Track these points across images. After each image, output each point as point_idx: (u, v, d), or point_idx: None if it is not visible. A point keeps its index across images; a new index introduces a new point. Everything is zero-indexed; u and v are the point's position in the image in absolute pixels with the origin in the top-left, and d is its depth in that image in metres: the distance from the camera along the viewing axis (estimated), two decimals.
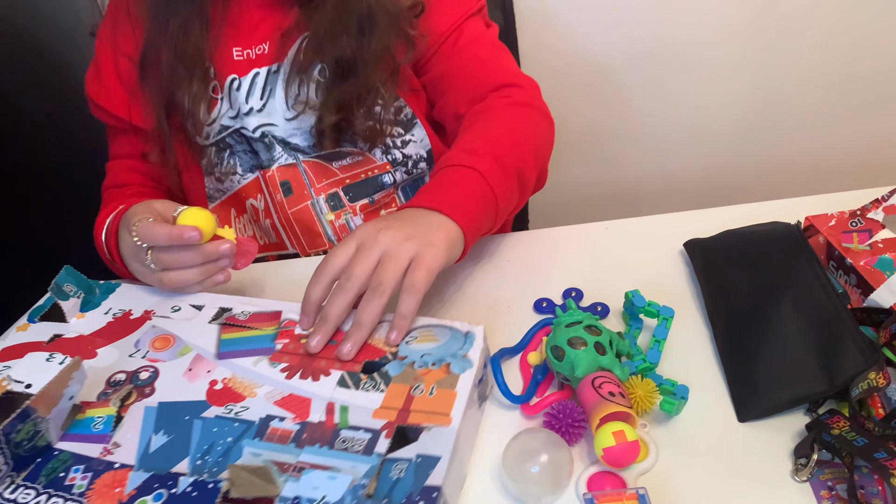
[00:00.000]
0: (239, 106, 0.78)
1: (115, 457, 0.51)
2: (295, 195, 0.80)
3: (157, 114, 0.77)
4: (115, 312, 0.64)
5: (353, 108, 0.76)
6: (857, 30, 1.26)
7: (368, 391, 0.54)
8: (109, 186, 0.85)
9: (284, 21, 0.77)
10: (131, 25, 0.78)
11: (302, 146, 0.80)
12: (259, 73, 0.78)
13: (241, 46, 0.78)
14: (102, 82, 0.80)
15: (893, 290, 0.58)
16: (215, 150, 0.81)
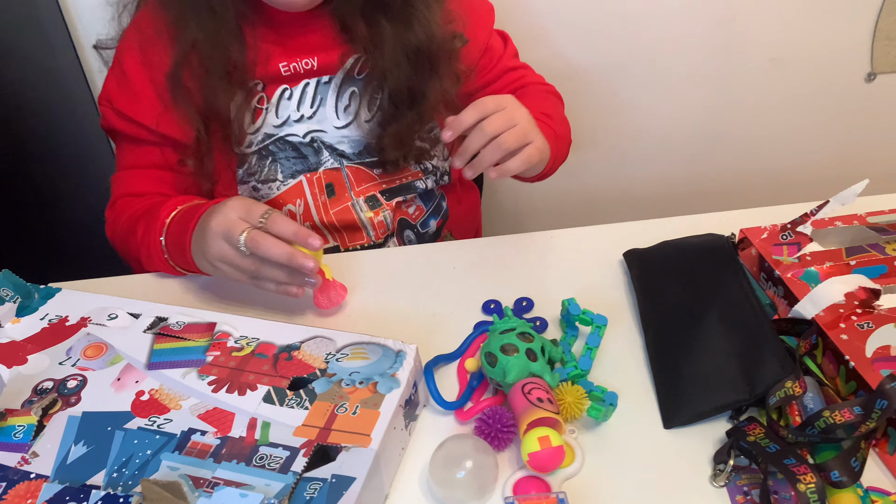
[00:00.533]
0: (289, 114, 0.84)
1: (31, 467, 0.50)
2: (337, 196, 0.86)
3: (195, 125, 0.79)
4: (52, 318, 0.64)
5: (412, 140, 0.86)
6: (812, 47, 1.29)
7: (293, 408, 0.54)
8: (126, 195, 0.83)
9: (331, 38, 0.82)
10: (160, 41, 0.79)
11: (347, 152, 0.86)
12: (310, 84, 0.83)
13: (286, 62, 0.81)
14: (133, 93, 0.80)
15: (815, 302, 0.59)
16: (256, 157, 0.85)
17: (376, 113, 0.85)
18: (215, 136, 0.82)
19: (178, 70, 0.78)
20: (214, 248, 0.64)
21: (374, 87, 0.84)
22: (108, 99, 0.82)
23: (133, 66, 0.81)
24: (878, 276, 0.66)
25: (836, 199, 0.66)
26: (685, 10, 1.22)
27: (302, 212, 0.86)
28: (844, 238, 0.71)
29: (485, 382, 0.62)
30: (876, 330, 0.59)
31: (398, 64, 0.81)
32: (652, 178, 1.42)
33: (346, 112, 0.85)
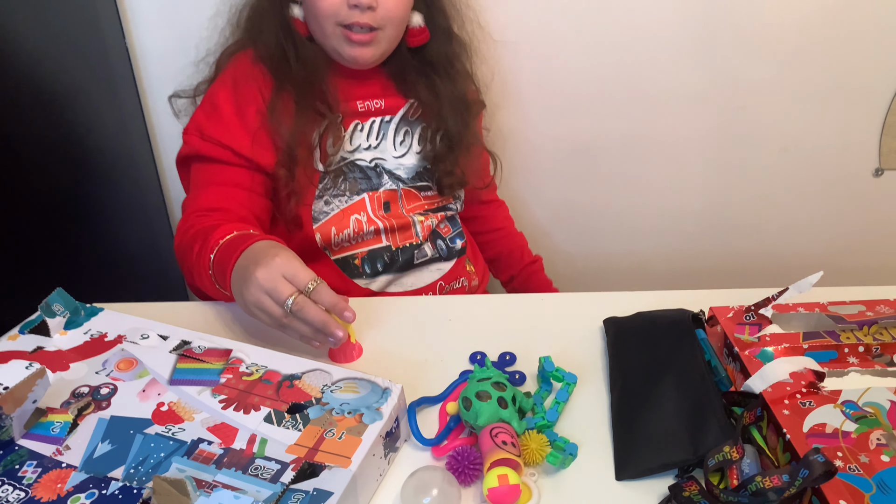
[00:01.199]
0: (359, 143, 1.03)
1: (63, 457, 0.59)
2: (392, 213, 1.05)
3: (286, 148, 0.96)
4: (93, 333, 0.74)
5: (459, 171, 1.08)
6: (822, 140, 1.35)
7: (288, 429, 0.62)
8: (199, 209, 0.92)
9: (391, 88, 1.05)
10: (253, 83, 0.97)
11: (403, 177, 1.06)
12: (375, 121, 1.04)
13: (362, 100, 1.03)
14: (224, 124, 0.95)
15: (764, 379, 0.65)
16: (332, 175, 1.01)
17: (427, 147, 1.07)
18: (300, 157, 0.97)
19: (275, 103, 0.96)
20: (255, 297, 0.71)
21: (423, 128, 1.07)
22: (199, 128, 0.96)
23: (226, 102, 0.96)
24: (827, 360, 0.72)
25: (794, 287, 0.73)
26: (699, 97, 1.31)
27: (365, 220, 1.03)
28: (806, 324, 0.77)
29: (461, 424, 0.69)
30: (816, 409, 0.65)
31: (451, 112, 1.05)
32: (660, 252, 1.49)
33: (401, 145, 1.06)
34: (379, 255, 1.04)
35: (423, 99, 1.05)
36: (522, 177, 1.39)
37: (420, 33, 1.02)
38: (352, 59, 0.97)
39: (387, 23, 0.95)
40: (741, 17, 1.22)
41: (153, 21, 1.23)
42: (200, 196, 0.95)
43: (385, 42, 0.97)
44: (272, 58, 0.98)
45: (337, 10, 0.92)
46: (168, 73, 1.26)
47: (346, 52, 0.96)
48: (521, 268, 1.27)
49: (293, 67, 0.97)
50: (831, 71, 1.28)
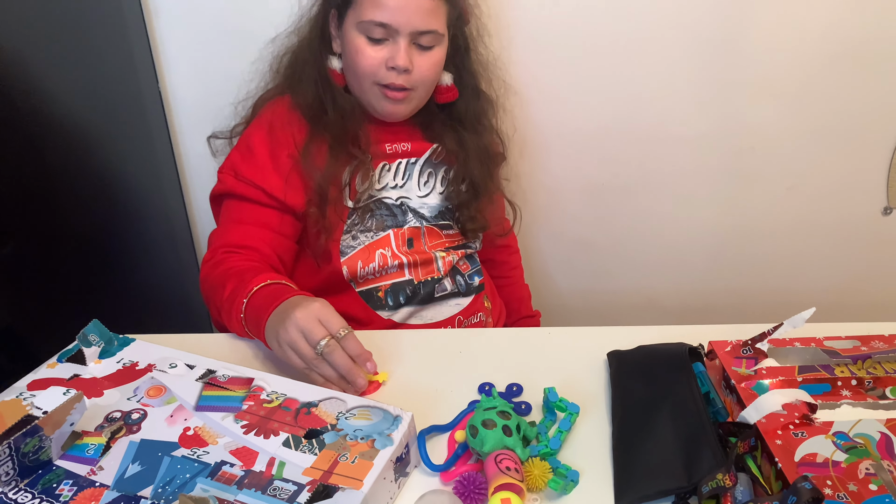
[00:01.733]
0: (387, 182, 1.10)
1: (97, 477, 0.64)
2: (415, 249, 1.11)
3: (318, 189, 1.03)
4: (125, 362, 0.79)
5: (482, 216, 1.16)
6: (830, 179, 1.38)
7: (305, 453, 0.66)
8: (227, 245, 0.98)
9: (418, 134, 1.13)
10: (289, 128, 1.04)
11: (426, 215, 1.13)
12: (402, 163, 1.11)
13: (390, 143, 1.10)
14: (258, 166, 1.02)
15: (758, 410, 0.68)
16: (361, 211, 1.08)
17: (449, 189, 1.14)
18: (332, 196, 1.04)
19: (308, 148, 1.03)
20: (291, 335, 0.77)
21: (446, 170, 1.14)
22: (234, 168, 1.03)
23: (261, 145, 1.03)
24: (821, 393, 0.75)
25: (788, 322, 0.77)
26: (707, 138, 1.35)
27: (390, 255, 1.08)
28: (802, 358, 0.80)
29: (469, 452, 0.73)
30: (808, 439, 0.67)
31: (476, 163, 1.12)
32: (669, 288, 1.52)
33: (425, 185, 1.13)
34: (401, 288, 1.09)
35: (449, 147, 1.12)
36: (535, 216, 1.44)
37: (448, 91, 1.10)
38: (386, 113, 1.05)
39: (419, 84, 1.03)
40: (748, 60, 1.27)
41: (185, 67, 1.31)
42: (229, 232, 1.01)
43: (416, 100, 1.06)
44: (309, 105, 1.05)
45: (376, 70, 1.00)
46: (198, 116, 1.34)
47: (380, 106, 1.04)
48: (517, 318, 1.32)
49: (329, 115, 1.04)
50: (838, 110, 1.31)
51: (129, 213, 1.32)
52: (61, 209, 1.13)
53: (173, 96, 1.34)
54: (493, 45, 1.21)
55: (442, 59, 1.05)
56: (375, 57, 1.00)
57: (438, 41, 1.03)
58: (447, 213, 1.15)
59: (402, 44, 0.99)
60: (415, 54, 1.00)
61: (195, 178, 1.43)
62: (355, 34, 1.00)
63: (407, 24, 0.97)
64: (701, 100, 1.32)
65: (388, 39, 0.99)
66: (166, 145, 1.37)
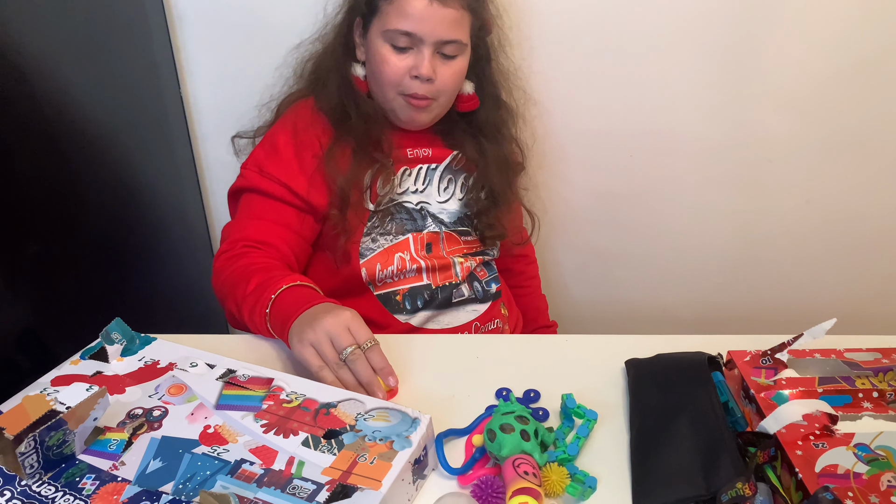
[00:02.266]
0: (407, 187, 1.11)
1: (119, 472, 0.64)
2: (433, 254, 1.12)
3: (340, 191, 1.04)
4: (147, 361, 0.80)
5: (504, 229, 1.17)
6: (846, 193, 1.38)
7: (324, 453, 0.66)
8: (247, 239, 0.99)
9: (440, 141, 1.14)
10: (313, 129, 1.06)
11: (445, 221, 1.14)
12: (422, 168, 1.13)
13: (412, 148, 1.11)
14: (282, 164, 1.03)
15: (778, 420, 0.68)
16: (381, 214, 1.09)
17: (469, 196, 1.15)
18: (353, 199, 1.05)
19: (332, 150, 1.04)
20: (318, 337, 0.78)
21: (466, 177, 1.15)
22: (258, 164, 1.04)
23: (286, 145, 1.05)
24: (842, 404, 0.74)
25: (808, 333, 0.76)
26: (725, 149, 1.35)
27: (409, 258, 1.09)
28: (822, 369, 0.80)
29: (486, 456, 0.73)
30: (829, 450, 0.67)
31: (496, 172, 1.14)
32: (684, 300, 1.52)
33: (444, 191, 1.14)
34: (419, 293, 1.09)
35: (469, 156, 1.14)
36: (552, 226, 1.44)
37: (469, 100, 1.12)
38: (408, 121, 1.07)
39: (441, 93, 1.04)
40: (766, 70, 1.27)
41: (207, 72, 1.33)
42: (248, 227, 1.01)
43: (438, 108, 1.07)
44: (333, 110, 1.07)
45: (400, 79, 1.02)
46: (219, 120, 1.36)
47: (403, 114, 1.06)
48: (534, 328, 1.32)
49: (353, 120, 1.05)
50: (856, 122, 1.31)
51: (149, 215, 1.33)
52: (84, 211, 1.14)
53: (194, 101, 1.36)
54: (513, 56, 1.22)
55: (464, 69, 1.06)
56: (399, 66, 1.01)
57: (461, 51, 1.04)
58: (466, 220, 1.16)
59: (426, 53, 1.00)
60: (438, 64, 1.02)
61: (215, 182, 1.44)
62: (380, 42, 1.01)
63: (431, 33, 0.99)
64: (718, 111, 1.32)
65: (413, 48, 1.01)
66: (187, 149, 1.39)
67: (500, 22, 1.14)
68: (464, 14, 1.02)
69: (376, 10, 1.01)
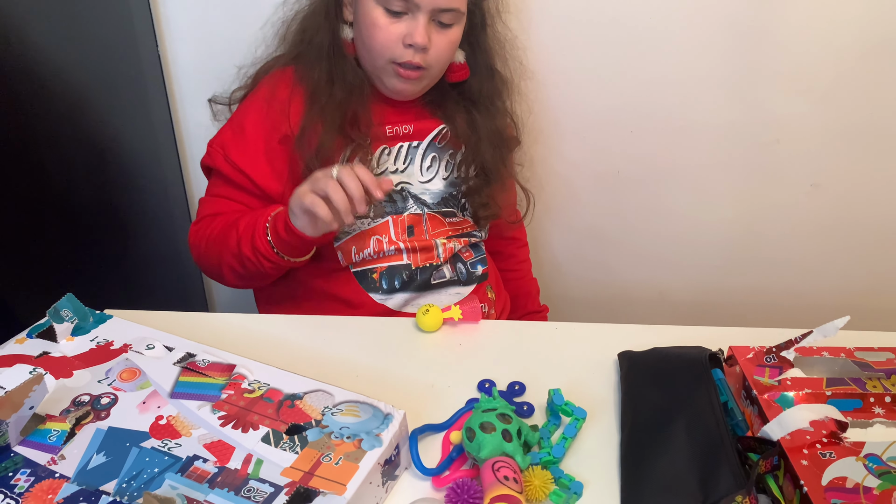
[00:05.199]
0: (386, 167, 1.04)
1: (58, 467, 0.59)
2: (415, 237, 1.05)
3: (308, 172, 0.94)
4: (100, 341, 0.74)
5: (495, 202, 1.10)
6: (852, 177, 1.32)
7: (285, 450, 0.60)
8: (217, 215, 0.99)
9: (425, 114, 1.06)
10: (287, 109, 0.99)
11: (428, 202, 1.06)
12: (403, 146, 1.05)
13: (391, 125, 1.03)
14: (246, 148, 0.98)
15: (782, 426, 0.62)
16: None
17: (454, 174, 1.07)
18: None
19: (304, 129, 0.97)
20: (308, 184, 0.82)
21: (451, 154, 1.07)
22: (223, 146, 0.99)
23: (254, 126, 0.98)
24: (851, 409, 0.69)
25: (819, 331, 0.70)
26: (731, 129, 1.28)
27: (386, 241, 1.03)
28: (830, 369, 0.74)
29: (464, 455, 0.67)
30: (837, 461, 0.61)
31: (488, 147, 1.06)
32: (682, 283, 1.46)
33: (428, 170, 1.06)
34: (398, 272, 1.03)
35: (459, 129, 1.06)
36: (547, 204, 1.37)
37: (460, 69, 1.04)
38: (396, 91, 0.99)
39: (434, 63, 0.97)
40: (778, 48, 1.20)
41: (185, 30, 1.25)
42: (218, 204, 1.00)
43: (428, 79, 1.00)
44: (316, 80, 0.99)
45: (392, 47, 0.94)
46: (198, 80, 1.28)
47: (391, 84, 0.98)
48: (523, 314, 1.26)
49: (334, 89, 0.98)
50: (870, 106, 1.25)
51: (123, 181, 1.26)
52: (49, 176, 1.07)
53: (173, 60, 1.28)
54: (511, 24, 1.14)
55: (459, 38, 0.99)
56: (392, 32, 0.93)
57: (458, 19, 0.96)
58: (451, 200, 1.08)
59: (421, 20, 0.92)
60: (433, 31, 0.94)
61: (194, 146, 1.37)
62: (372, 5, 0.93)
63: (429, 1, 0.91)
64: (725, 89, 1.25)
65: (408, 14, 0.93)
66: (164, 111, 1.31)
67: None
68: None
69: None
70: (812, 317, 1.00)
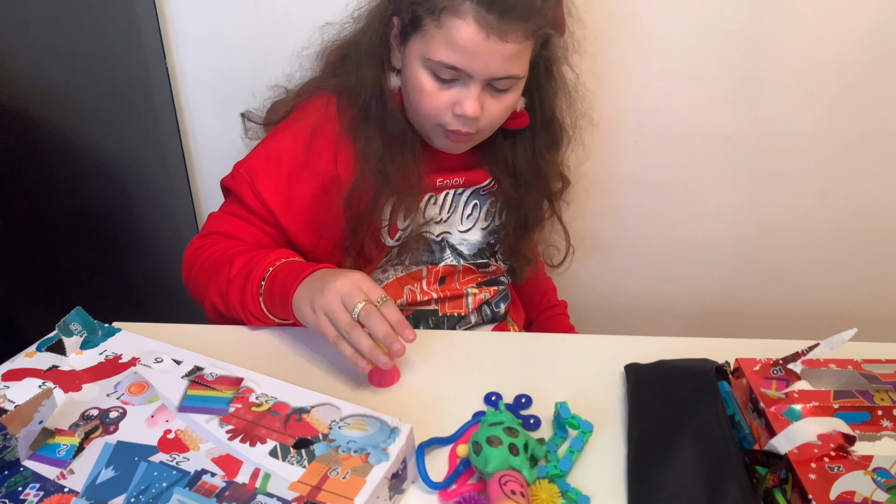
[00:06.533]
0: (432, 216, 1.00)
1: (66, 482, 0.59)
2: (446, 285, 1.03)
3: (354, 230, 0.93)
4: (108, 355, 0.74)
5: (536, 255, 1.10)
6: (859, 185, 1.32)
7: (292, 464, 0.60)
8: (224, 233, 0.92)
9: (475, 163, 1.00)
10: (328, 152, 0.91)
11: (465, 253, 1.04)
12: (449, 193, 1.01)
13: (442, 177, 0.99)
14: (280, 190, 0.91)
15: (790, 439, 0.62)
16: (399, 248, 0.99)
17: (494, 226, 1.05)
18: (367, 231, 0.94)
19: (354, 190, 0.90)
20: (329, 300, 0.73)
21: (492, 202, 1.04)
22: (251, 173, 0.91)
23: (290, 163, 0.91)
24: (859, 422, 0.68)
25: (826, 343, 0.70)
26: (737, 138, 1.28)
27: (419, 291, 1.01)
28: (837, 381, 0.74)
29: (471, 468, 0.67)
30: (845, 475, 0.61)
31: (534, 198, 1.03)
32: (689, 293, 1.46)
33: (468, 218, 1.03)
34: (424, 317, 1.02)
35: (506, 185, 1.00)
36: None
37: (518, 117, 0.96)
38: (444, 148, 0.93)
39: (487, 127, 0.90)
40: (784, 56, 1.20)
41: (193, 41, 1.26)
42: (229, 223, 0.93)
43: (480, 138, 0.93)
44: (358, 123, 0.91)
45: (440, 115, 0.87)
46: (207, 93, 1.29)
47: (439, 143, 0.92)
48: (541, 310, 1.23)
49: (384, 146, 0.91)
50: (873, 116, 1.25)
51: (130, 195, 1.27)
52: (57, 189, 1.08)
53: (181, 70, 1.29)
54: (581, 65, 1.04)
55: (517, 100, 0.91)
56: (442, 99, 0.85)
57: (516, 83, 0.88)
58: (487, 251, 1.05)
59: (473, 90, 0.84)
60: (486, 98, 0.86)
61: (202, 158, 1.38)
62: (419, 68, 0.85)
63: (483, 70, 0.82)
64: (731, 97, 1.25)
65: (458, 80, 0.84)
66: (172, 124, 1.32)
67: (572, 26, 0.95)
68: (527, 46, 0.84)
69: (419, 25, 0.83)
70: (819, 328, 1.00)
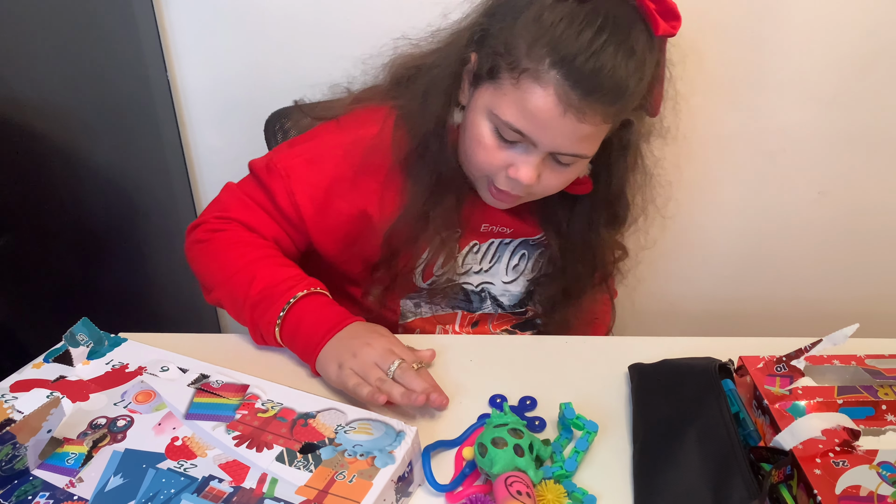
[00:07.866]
0: (471, 266, 0.94)
1: (76, 490, 0.59)
2: (479, 328, 1.00)
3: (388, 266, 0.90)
4: (115, 364, 0.75)
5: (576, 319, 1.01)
6: (860, 184, 1.31)
7: (299, 469, 0.61)
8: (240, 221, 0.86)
9: (526, 215, 0.93)
10: (373, 180, 0.86)
11: (505, 304, 0.99)
12: (493, 242, 0.94)
13: (488, 223, 0.92)
14: (314, 192, 0.85)
15: (794, 435, 0.62)
16: (428, 292, 0.94)
17: (539, 276, 0.98)
18: (401, 269, 0.90)
19: (396, 228, 0.86)
20: (360, 363, 0.73)
21: (540, 254, 0.97)
22: (289, 173, 0.84)
23: (336, 179, 0.85)
24: (864, 417, 0.69)
25: (828, 339, 0.70)
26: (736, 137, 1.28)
27: (451, 330, 0.98)
28: (841, 377, 0.74)
29: (477, 470, 0.67)
30: (850, 469, 0.61)
31: (578, 276, 0.96)
32: (692, 294, 1.45)
33: (513, 269, 0.97)
34: None
35: (553, 246, 0.94)
36: None
37: (581, 184, 0.88)
38: (488, 201, 0.87)
39: (539, 193, 0.84)
40: (782, 57, 1.20)
41: (194, 54, 1.26)
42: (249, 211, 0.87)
43: (528, 199, 0.87)
44: (408, 161, 0.85)
45: (494, 172, 0.81)
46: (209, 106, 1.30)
47: (484, 195, 0.86)
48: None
49: (433, 187, 0.85)
50: (872, 115, 1.25)
51: (134, 207, 1.28)
52: (62, 202, 1.09)
53: (182, 83, 1.29)
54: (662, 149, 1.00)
55: (576, 175, 0.84)
56: (498, 157, 0.79)
57: (580, 161, 0.81)
58: (527, 300, 1.00)
59: (534, 159, 0.77)
60: (546, 168, 0.79)
61: (204, 171, 1.38)
62: (484, 119, 0.78)
63: (550, 143, 0.76)
64: (731, 98, 1.25)
65: (521, 144, 0.78)
66: (174, 137, 1.33)
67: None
68: (602, 129, 0.77)
69: (496, 76, 0.76)
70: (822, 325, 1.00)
